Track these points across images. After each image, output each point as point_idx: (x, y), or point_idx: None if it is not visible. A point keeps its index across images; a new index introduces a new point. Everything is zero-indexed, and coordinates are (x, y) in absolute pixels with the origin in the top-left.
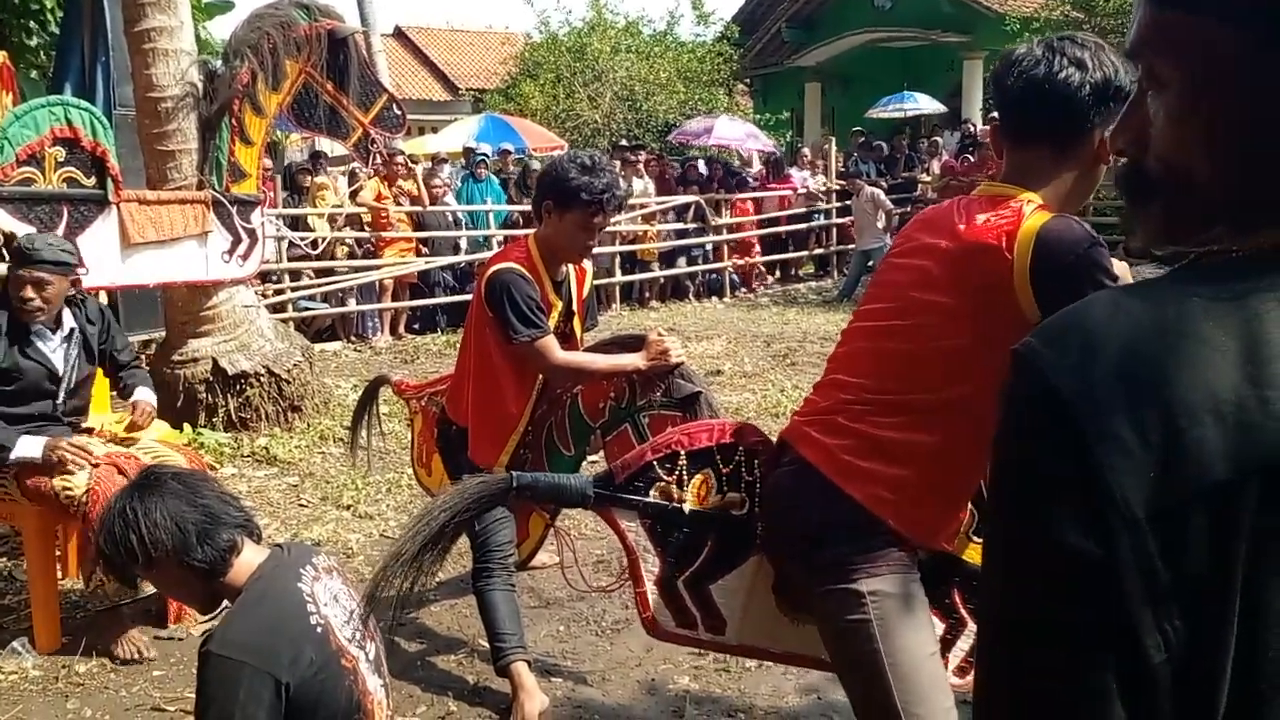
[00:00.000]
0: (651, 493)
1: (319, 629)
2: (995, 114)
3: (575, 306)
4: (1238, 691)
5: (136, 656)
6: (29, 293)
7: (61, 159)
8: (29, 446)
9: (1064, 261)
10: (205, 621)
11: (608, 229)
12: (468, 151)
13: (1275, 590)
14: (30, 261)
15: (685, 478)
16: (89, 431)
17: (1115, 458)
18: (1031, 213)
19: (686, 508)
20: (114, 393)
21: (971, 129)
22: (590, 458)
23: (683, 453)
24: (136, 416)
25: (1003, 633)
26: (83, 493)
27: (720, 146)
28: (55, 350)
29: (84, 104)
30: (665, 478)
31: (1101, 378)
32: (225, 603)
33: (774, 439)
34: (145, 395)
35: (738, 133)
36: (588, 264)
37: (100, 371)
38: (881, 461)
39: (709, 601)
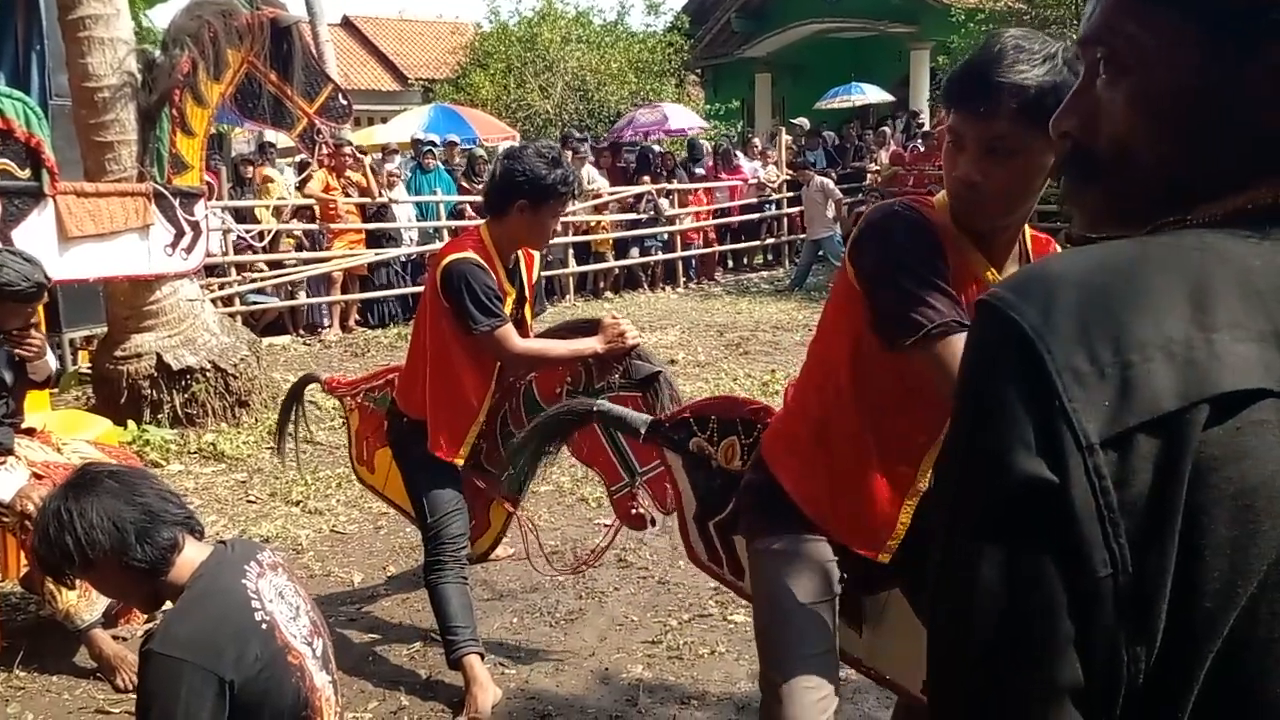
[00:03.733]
0: (690, 444)
1: (264, 625)
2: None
3: (526, 293)
4: (1182, 611)
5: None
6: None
7: None
8: (2, 484)
9: (862, 228)
10: (148, 621)
11: (561, 219)
12: (415, 142)
13: (1216, 518)
14: (28, 298)
15: (716, 438)
16: (29, 432)
17: (1074, 388)
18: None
19: (714, 463)
20: (53, 391)
21: (921, 118)
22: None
23: (714, 417)
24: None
25: (954, 571)
26: (14, 521)
27: (646, 135)
28: None
29: (17, 94)
30: (699, 433)
31: (1062, 317)
32: (168, 602)
33: None
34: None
35: (656, 117)
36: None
37: None
38: (791, 427)
39: (733, 549)
